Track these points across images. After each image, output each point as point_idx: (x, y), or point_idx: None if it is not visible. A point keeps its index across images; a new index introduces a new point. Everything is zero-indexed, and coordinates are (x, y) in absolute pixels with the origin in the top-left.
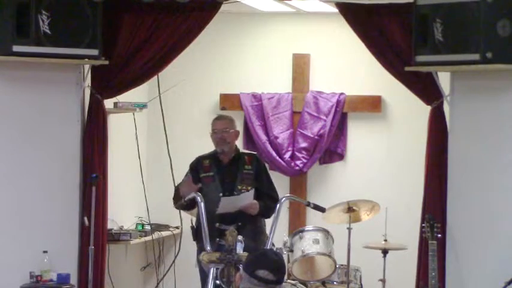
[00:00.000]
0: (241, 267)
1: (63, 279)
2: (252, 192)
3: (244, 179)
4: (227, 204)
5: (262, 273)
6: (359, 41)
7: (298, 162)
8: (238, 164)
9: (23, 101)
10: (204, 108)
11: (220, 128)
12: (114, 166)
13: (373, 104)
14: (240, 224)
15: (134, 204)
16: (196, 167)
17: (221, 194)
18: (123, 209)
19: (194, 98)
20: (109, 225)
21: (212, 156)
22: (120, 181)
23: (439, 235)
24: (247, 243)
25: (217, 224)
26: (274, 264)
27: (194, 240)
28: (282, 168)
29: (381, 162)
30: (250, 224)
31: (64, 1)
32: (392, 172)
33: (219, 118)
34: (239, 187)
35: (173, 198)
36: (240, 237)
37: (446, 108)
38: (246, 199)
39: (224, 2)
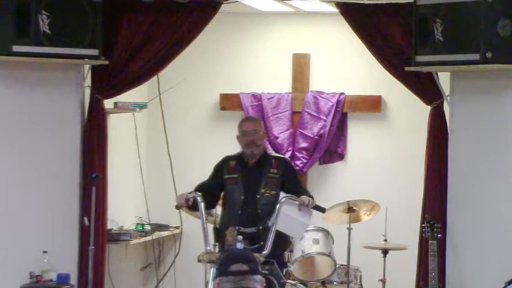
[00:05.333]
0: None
1: (63, 279)
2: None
3: (268, 182)
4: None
5: (235, 267)
6: (359, 41)
7: (298, 162)
8: (264, 167)
9: (23, 101)
10: (204, 108)
11: (250, 130)
12: (114, 166)
13: (373, 104)
14: (260, 227)
15: (134, 204)
16: (222, 167)
17: (243, 197)
18: (123, 209)
19: (194, 98)
20: (109, 225)
21: (238, 158)
22: (120, 181)
23: (439, 235)
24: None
25: (237, 227)
26: (243, 255)
27: (216, 242)
28: None
29: (381, 162)
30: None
31: (64, 1)
32: (393, 172)
33: (247, 120)
34: (262, 190)
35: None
36: (240, 237)
37: (446, 108)
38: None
39: (224, 2)
